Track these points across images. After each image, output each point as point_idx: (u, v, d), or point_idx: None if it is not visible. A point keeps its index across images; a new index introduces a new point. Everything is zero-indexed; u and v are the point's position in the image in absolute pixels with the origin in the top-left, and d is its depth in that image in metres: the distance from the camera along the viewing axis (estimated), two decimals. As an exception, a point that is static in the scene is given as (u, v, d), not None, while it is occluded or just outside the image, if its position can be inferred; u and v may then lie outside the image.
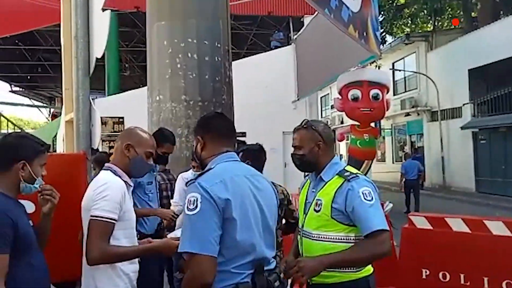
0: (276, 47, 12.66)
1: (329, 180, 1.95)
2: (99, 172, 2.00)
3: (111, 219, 1.75)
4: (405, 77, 18.13)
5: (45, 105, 24.98)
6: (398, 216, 7.59)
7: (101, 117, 10.86)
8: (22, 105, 20.38)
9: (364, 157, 7.06)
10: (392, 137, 19.15)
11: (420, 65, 16.45)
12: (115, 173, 1.92)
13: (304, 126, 2.05)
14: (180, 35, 5.99)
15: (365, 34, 5.74)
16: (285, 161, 11.72)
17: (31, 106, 22.76)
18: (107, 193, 1.77)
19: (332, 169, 1.97)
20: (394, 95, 18.80)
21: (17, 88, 22.48)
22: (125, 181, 1.93)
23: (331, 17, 4.48)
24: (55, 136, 12.65)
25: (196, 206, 1.44)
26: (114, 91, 11.85)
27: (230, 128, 1.80)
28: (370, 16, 6.00)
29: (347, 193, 1.82)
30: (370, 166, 7.13)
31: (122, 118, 10.50)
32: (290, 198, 2.93)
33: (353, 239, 1.86)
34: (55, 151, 10.97)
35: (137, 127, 2.14)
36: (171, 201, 3.25)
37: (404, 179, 10.56)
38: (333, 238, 1.87)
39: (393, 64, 18.48)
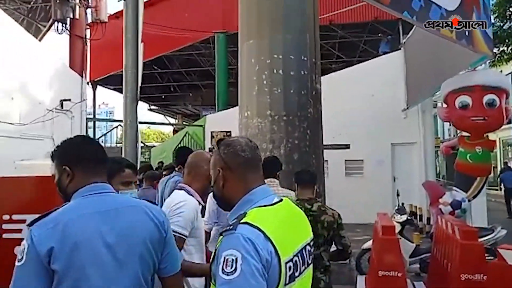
0: (385, 53, 11.94)
1: None
2: (148, 187, 2.22)
3: (183, 234, 1.90)
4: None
5: (171, 121, 28.04)
6: None
7: (211, 132, 11.75)
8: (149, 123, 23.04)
9: (477, 174, 6.11)
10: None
11: None
12: (188, 192, 2.10)
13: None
14: (266, 52, 6.13)
15: (467, 33, 5.03)
16: (393, 174, 10.87)
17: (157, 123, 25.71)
18: (182, 210, 1.93)
19: (240, 210, 1.31)
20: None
21: (154, 107, 25.82)
22: (198, 201, 2.11)
23: (413, 19, 4.06)
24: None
25: (22, 258, 1.25)
26: (222, 106, 12.70)
27: (101, 153, 1.51)
28: (475, 12, 5.24)
29: (216, 255, 1.21)
30: (484, 184, 6.13)
31: (229, 132, 11.14)
32: (341, 222, 2.74)
33: None
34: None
35: (200, 152, 2.35)
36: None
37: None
38: None
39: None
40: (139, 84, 4.55)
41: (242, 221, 1.18)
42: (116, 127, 11.60)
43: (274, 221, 1.24)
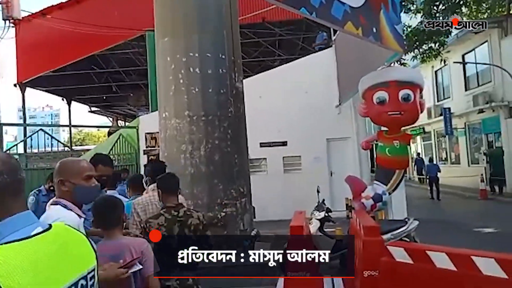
0: (320, 49, 12.08)
1: None
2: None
3: None
4: (477, 71, 16.15)
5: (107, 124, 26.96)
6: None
7: (145, 133, 11.23)
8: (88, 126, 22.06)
9: (396, 166, 6.25)
10: (466, 137, 17.14)
11: (494, 56, 14.50)
12: (65, 207, 1.90)
13: None
14: (182, 49, 5.91)
15: (375, 30, 5.09)
16: (330, 169, 11.05)
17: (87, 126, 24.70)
18: None
19: None
20: (465, 90, 16.91)
21: (94, 108, 24.66)
22: (77, 214, 1.93)
23: (313, 16, 4.01)
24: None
25: None
26: (156, 107, 12.28)
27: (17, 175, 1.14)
28: (383, 10, 5.32)
29: None
30: (402, 177, 6.29)
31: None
32: (207, 223, 2.82)
33: None
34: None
35: (67, 159, 2.16)
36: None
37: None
38: None
39: (463, 56, 16.60)
40: None
41: None
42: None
43: (22, 263, 0.98)
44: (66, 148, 14.60)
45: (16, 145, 11.22)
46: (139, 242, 2.18)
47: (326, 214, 5.35)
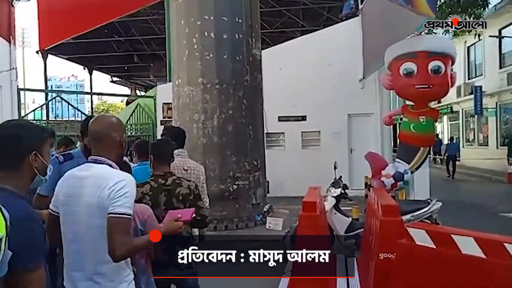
0: (347, 18, 11.43)
1: None
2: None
3: (130, 215, 1.71)
4: (514, 46, 15.15)
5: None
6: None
7: (163, 103, 11.11)
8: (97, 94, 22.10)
9: (420, 144, 5.87)
10: (496, 118, 16.29)
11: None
12: (111, 166, 1.80)
13: None
14: (196, 12, 5.58)
15: (407, -8, 4.62)
16: (350, 146, 10.64)
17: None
18: (127, 190, 1.69)
19: None
20: (500, 68, 15.92)
21: (116, 78, 24.70)
22: None
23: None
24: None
25: None
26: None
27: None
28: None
29: None
30: (427, 155, 5.92)
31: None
32: (199, 192, 2.63)
33: None
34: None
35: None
36: None
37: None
38: None
39: (499, 31, 15.53)
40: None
41: None
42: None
43: None
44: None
45: (34, 110, 11.25)
46: (142, 209, 2.14)
47: (342, 191, 5.06)
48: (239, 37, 5.47)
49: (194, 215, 2.03)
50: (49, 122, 11.20)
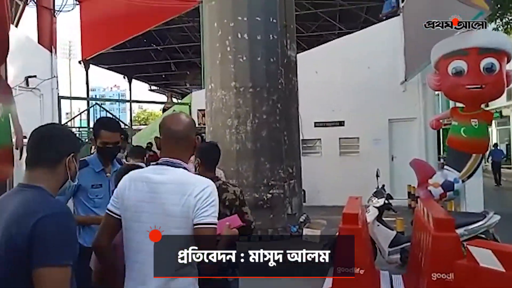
0: (387, 18, 10.93)
1: None
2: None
3: (216, 224, 1.62)
4: None
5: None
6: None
7: (198, 110, 11.02)
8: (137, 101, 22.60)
9: (472, 150, 5.35)
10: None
11: None
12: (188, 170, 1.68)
13: None
14: (229, 14, 5.39)
15: (458, -18, 4.21)
16: (391, 153, 10.10)
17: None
18: (213, 198, 1.61)
19: None
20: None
21: (154, 87, 25.27)
22: None
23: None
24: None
25: None
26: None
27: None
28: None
29: None
30: (480, 163, 5.37)
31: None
32: (244, 198, 2.50)
33: None
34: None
35: None
36: None
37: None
38: None
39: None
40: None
41: None
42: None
43: None
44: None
45: (73, 118, 11.59)
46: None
47: (386, 202, 4.67)
48: (273, 38, 5.23)
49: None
50: (90, 130, 11.52)
